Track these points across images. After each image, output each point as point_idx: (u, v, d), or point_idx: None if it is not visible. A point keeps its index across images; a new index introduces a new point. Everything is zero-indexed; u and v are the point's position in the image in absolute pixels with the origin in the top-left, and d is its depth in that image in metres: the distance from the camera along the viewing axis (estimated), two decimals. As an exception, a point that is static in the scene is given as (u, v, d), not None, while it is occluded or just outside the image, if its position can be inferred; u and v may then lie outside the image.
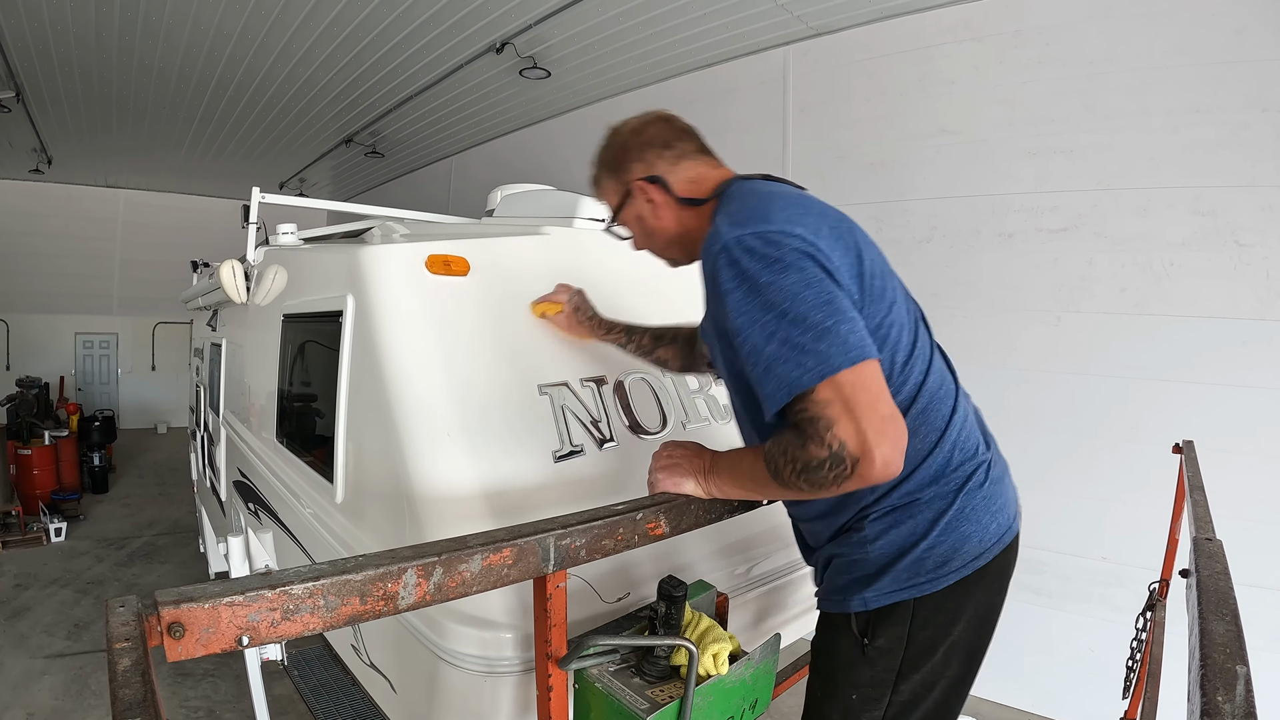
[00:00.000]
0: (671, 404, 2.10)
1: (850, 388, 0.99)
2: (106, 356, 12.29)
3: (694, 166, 1.36)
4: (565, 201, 2.56)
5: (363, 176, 10.31)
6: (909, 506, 1.18)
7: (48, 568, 5.67)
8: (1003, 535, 1.23)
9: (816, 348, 1.00)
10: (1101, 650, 3.44)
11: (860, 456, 0.97)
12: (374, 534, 1.78)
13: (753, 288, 1.06)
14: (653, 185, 1.35)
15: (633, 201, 1.38)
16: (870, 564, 1.20)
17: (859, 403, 0.98)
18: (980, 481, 1.21)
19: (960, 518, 1.18)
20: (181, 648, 0.74)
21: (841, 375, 0.99)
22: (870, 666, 1.21)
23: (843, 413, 0.98)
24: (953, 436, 1.21)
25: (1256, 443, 3.17)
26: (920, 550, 1.17)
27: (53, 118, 7.74)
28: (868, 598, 1.19)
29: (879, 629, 1.19)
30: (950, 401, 1.24)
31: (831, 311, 1.03)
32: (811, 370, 1.00)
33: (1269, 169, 3.18)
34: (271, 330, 2.75)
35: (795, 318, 1.02)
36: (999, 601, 1.28)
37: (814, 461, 1.00)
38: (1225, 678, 0.70)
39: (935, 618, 1.18)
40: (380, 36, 5.39)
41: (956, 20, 4.11)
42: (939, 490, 1.18)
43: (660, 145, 1.36)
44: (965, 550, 1.18)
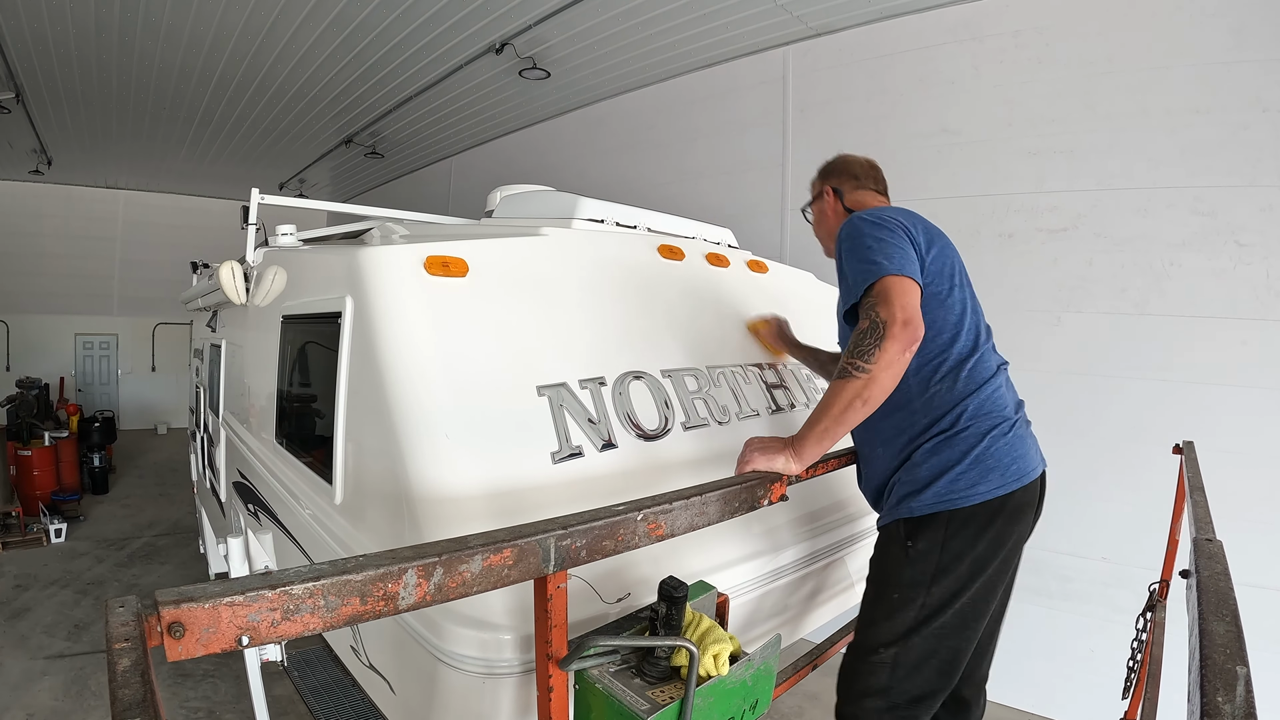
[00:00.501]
0: (671, 405, 2.10)
1: (887, 286, 1.47)
2: (106, 357, 12.30)
3: (865, 195, 1.99)
4: (565, 202, 2.56)
5: (362, 177, 10.31)
6: (950, 439, 1.56)
7: (48, 568, 5.67)
8: (1022, 476, 1.57)
9: (880, 261, 1.51)
10: (1102, 651, 3.44)
11: (887, 320, 1.41)
12: (373, 535, 1.78)
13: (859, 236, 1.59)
14: (833, 194, 2.02)
15: (822, 200, 2.05)
16: (918, 481, 1.57)
17: (894, 292, 1.45)
18: (1005, 431, 1.58)
19: (987, 454, 1.55)
20: (181, 648, 0.73)
21: (889, 278, 1.47)
22: (911, 566, 1.56)
23: (882, 298, 1.45)
24: (987, 392, 1.61)
25: (1257, 443, 3.17)
26: (955, 473, 1.54)
27: (52, 119, 7.75)
28: (913, 507, 1.57)
29: (920, 534, 1.55)
30: (991, 371, 1.65)
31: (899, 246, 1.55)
32: (874, 272, 1.50)
33: (1269, 169, 3.18)
34: (271, 331, 2.75)
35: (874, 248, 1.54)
36: (1017, 532, 1.58)
37: (861, 334, 1.43)
38: (1225, 678, 0.70)
39: (964, 530, 1.52)
40: (380, 37, 5.39)
41: (957, 20, 4.11)
42: (973, 429, 1.56)
43: (851, 175, 2.02)
44: (990, 479, 1.53)
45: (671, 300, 2.38)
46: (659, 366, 2.16)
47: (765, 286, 2.85)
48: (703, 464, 1.98)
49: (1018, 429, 1.62)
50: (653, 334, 2.24)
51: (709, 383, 2.27)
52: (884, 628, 1.58)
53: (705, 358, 2.32)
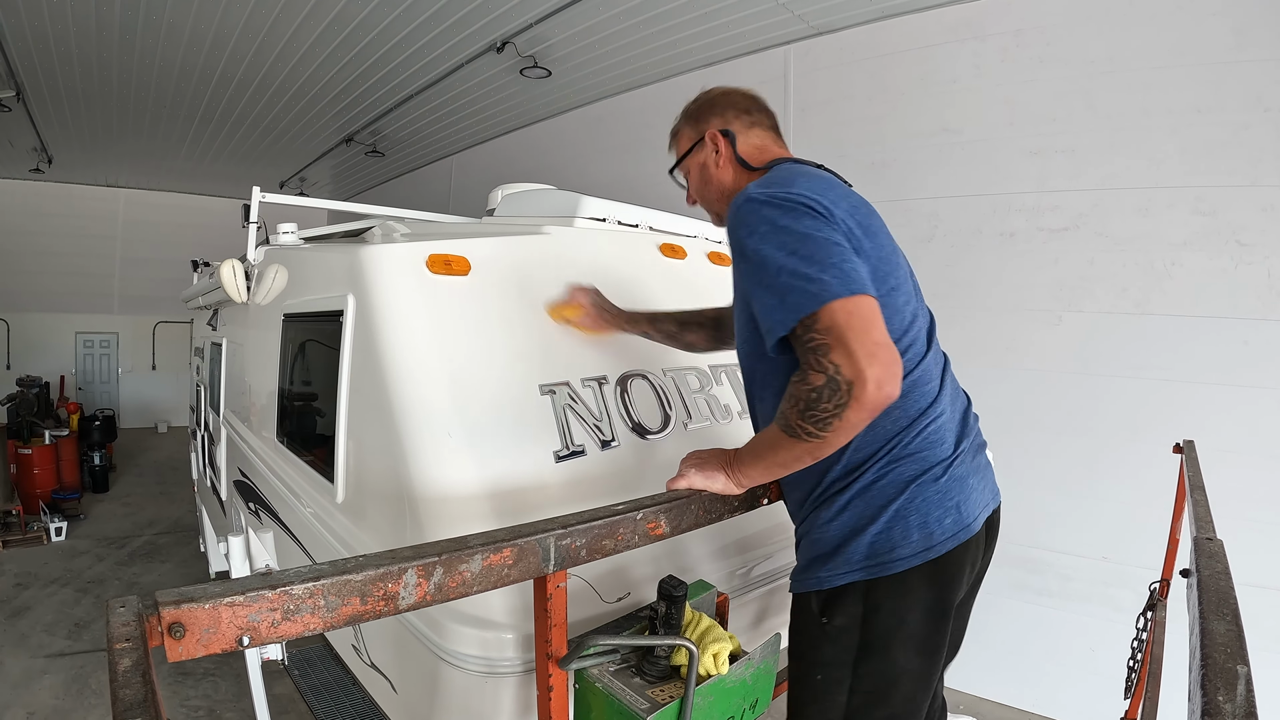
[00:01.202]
0: (673, 404, 2.10)
1: (845, 315, 1.06)
2: (107, 355, 12.30)
3: (762, 136, 1.52)
4: (566, 201, 2.56)
5: (363, 176, 10.31)
6: (863, 491, 1.24)
7: (48, 567, 5.67)
8: (958, 533, 1.25)
9: (821, 277, 1.09)
10: (1102, 650, 3.44)
11: (854, 380, 1.03)
12: (374, 534, 1.78)
13: (770, 230, 1.16)
14: (723, 137, 1.50)
15: (701, 148, 1.53)
16: (827, 543, 1.27)
17: (853, 328, 1.05)
18: (937, 476, 1.24)
19: (909, 508, 1.22)
20: (182, 648, 0.74)
21: (838, 303, 1.06)
22: (831, 644, 1.26)
23: (838, 340, 1.05)
24: (919, 427, 1.25)
25: (1257, 442, 3.17)
26: (870, 534, 1.22)
27: (53, 117, 7.74)
28: (823, 577, 1.26)
29: (835, 608, 1.25)
30: (929, 399, 1.28)
31: (839, 252, 1.13)
32: (815, 296, 1.08)
33: (1270, 169, 3.18)
34: (272, 330, 2.75)
35: (804, 255, 1.12)
36: (955, 598, 1.29)
37: (813, 394, 1.06)
38: (1226, 677, 0.70)
39: (886, 603, 1.23)
40: (381, 35, 5.38)
41: (958, 19, 4.10)
42: (893, 478, 1.23)
43: (740, 110, 1.53)
44: (914, 540, 1.21)
45: (674, 299, 2.38)
46: (661, 365, 2.16)
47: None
48: (703, 463, 1.98)
49: (955, 469, 1.27)
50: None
51: (711, 381, 2.27)
52: (813, 712, 1.30)
53: (707, 356, 2.32)
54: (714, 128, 1.51)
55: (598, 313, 1.95)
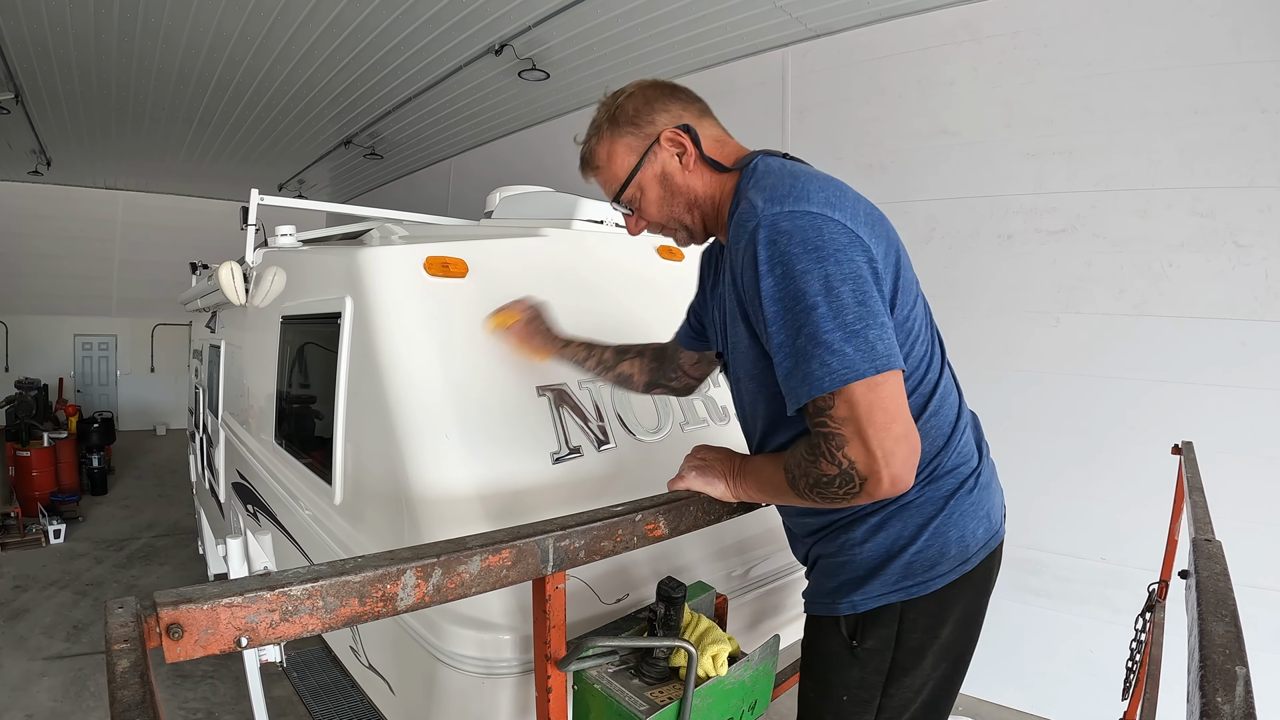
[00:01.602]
0: (669, 406, 2.10)
1: (867, 405, 0.96)
2: (105, 358, 12.28)
3: (714, 126, 1.30)
4: (564, 203, 2.56)
5: (362, 178, 10.31)
6: (900, 510, 1.17)
7: (46, 569, 5.66)
8: (989, 540, 1.23)
9: (844, 350, 0.97)
10: (1100, 651, 3.44)
11: (868, 477, 0.97)
12: (373, 536, 1.78)
13: (789, 273, 1.01)
14: (685, 134, 1.24)
15: (655, 157, 1.25)
16: (859, 566, 1.20)
17: (874, 422, 0.96)
18: (970, 488, 1.21)
19: (948, 523, 1.18)
20: (180, 649, 0.73)
21: (861, 386, 0.96)
22: (861, 668, 1.21)
23: (855, 434, 0.97)
24: (954, 444, 1.21)
25: (1256, 444, 3.17)
26: (909, 555, 1.17)
27: (52, 119, 7.74)
28: (856, 601, 1.19)
29: (868, 631, 1.19)
30: (956, 410, 1.24)
31: (864, 314, 0.99)
32: (836, 373, 0.97)
33: (1268, 170, 3.18)
34: (270, 332, 2.75)
35: (827, 313, 0.98)
36: (984, 604, 1.28)
37: (824, 478, 1.01)
38: (1225, 679, 0.70)
39: (923, 621, 1.18)
40: (379, 38, 5.39)
41: (955, 21, 4.11)
42: (930, 495, 1.18)
43: (687, 99, 1.30)
44: (952, 555, 1.18)
45: (671, 301, 2.38)
46: (659, 367, 2.15)
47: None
48: (702, 465, 1.98)
49: (983, 477, 1.24)
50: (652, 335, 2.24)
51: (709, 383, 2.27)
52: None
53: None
54: (666, 125, 1.25)
55: (531, 329, 1.73)
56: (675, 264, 2.51)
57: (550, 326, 1.76)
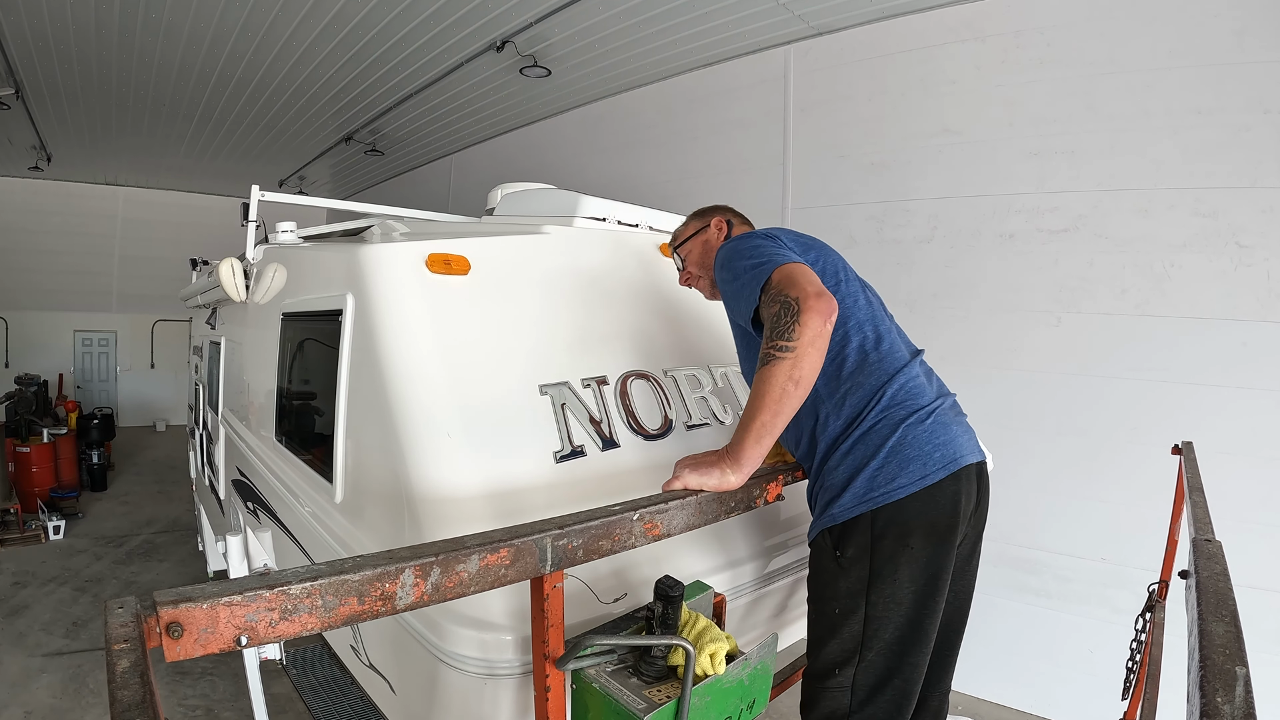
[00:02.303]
0: (674, 404, 2.10)
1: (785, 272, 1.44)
2: (105, 354, 12.29)
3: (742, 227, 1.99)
4: (565, 200, 2.55)
5: (362, 175, 10.31)
6: (862, 436, 1.50)
7: (46, 565, 5.67)
8: (948, 463, 1.48)
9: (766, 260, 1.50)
10: (1100, 651, 3.44)
11: (799, 296, 1.36)
12: (373, 534, 1.78)
13: (732, 253, 1.60)
14: (726, 225, 1.96)
15: (705, 231, 1.96)
16: (835, 486, 1.50)
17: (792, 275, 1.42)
18: (922, 419, 1.51)
19: (903, 444, 1.47)
20: (180, 648, 0.73)
21: (780, 268, 1.45)
22: (845, 576, 1.47)
23: (783, 283, 1.41)
24: (898, 383, 1.54)
25: (1256, 444, 3.17)
26: (871, 469, 1.46)
27: (52, 115, 7.74)
28: (835, 514, 1.48)
29: (847, 540, 1.47)
30: (902, 361, 1.59)
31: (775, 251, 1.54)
32: (764, 270, 1.47)
33: (1270, 170, 3.18)
34: (271, 329, 2.75)
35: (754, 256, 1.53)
36: (954, 525, 1.48)
37: (775, 317, 1.37)
38: (1225, 679, 0.70)
39: (891, 529, 1.44)
40: (381, 34, 5.38)
41: (958, 20, 4.11)
42: (886, 420, 1.50)
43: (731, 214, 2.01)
44: (909, 470, 1.46)
45: (674, 299, 2.38)
46: (661, 366, 2.16)
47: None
48: (702, 463, 1.98)
49: (938, 416, 1.53)
50: (655, 333, 2.24)
51: (711, 381, 2.27)
52: (833, 647, 1.48)
53: (708, 356, 2.32)
54: (721, 216, 1.99)
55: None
56: (676, 262, 2.50)
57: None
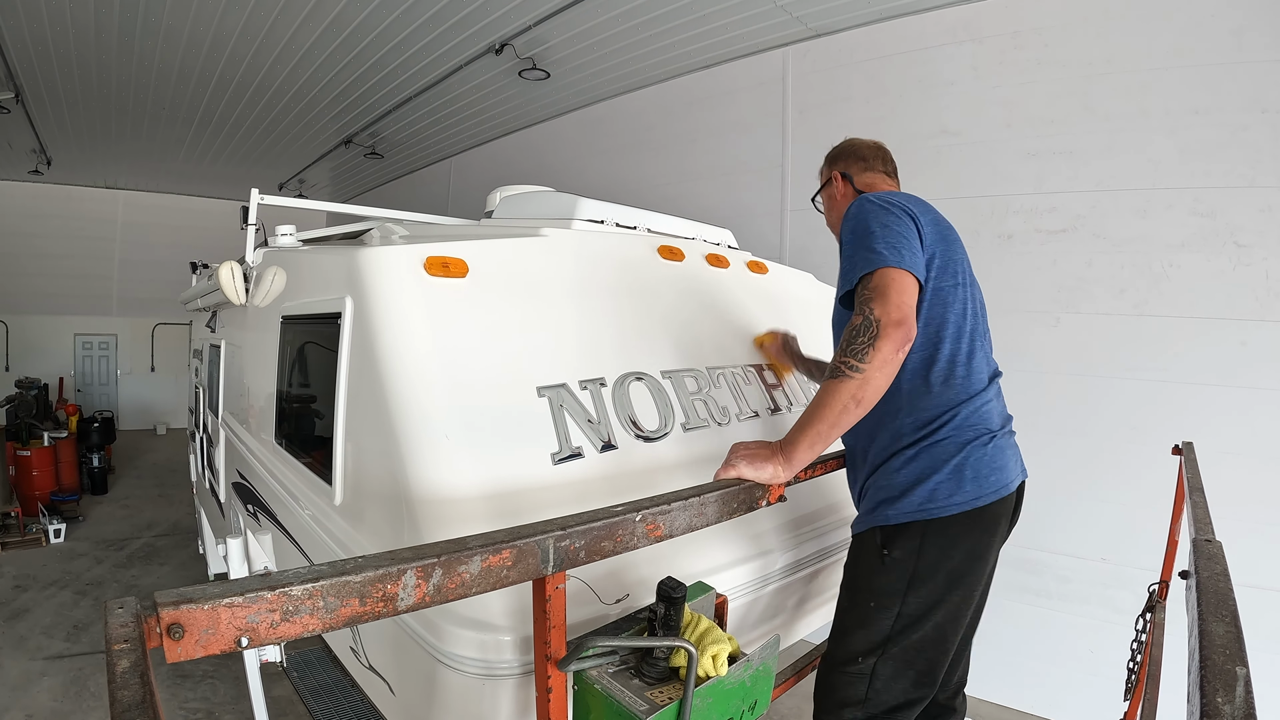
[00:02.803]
0: (671, 406, 2.10)
1: (888, 278, 1.42)
2: (106, 357, 12.29)
3: (874, 177, 1.97)
4: (564, 203, 2.56)
5: (362, 178, 10.31)
6: (930, 447, 1.54)
7: (46, 569, 5.67)
8: (1000, 489, 1.55)
9: (882, 251, 1.46)
10: (1101, 651, 3.44)
11: (881, 318, 1.36)
12: (373, 536, 1.78)
13: (863, 216, 1.56)
14: (842, 179, 1.99)
15: (831, 184, 2.01)
16: (895, 488, 1.55)
17: (886, 291, 1.40)
18: (985, 443, 1.55)
19: (965, 464, 1.52)
20: (180, 649, 0.73)
21: (883, 271, 1.43)
22: (886, 574, 1.53)
23: (876, 294, 1.40)
24: (974, 405, 1.57)
25: (1256, 443, 3.17)
26: (933, 482, 1.51)
27: (52, 119, 7.74)
28: (889, 515, 1.54)
29: (895, 542, 1.53)
30: (982, 384, 1.62)
31: (901, 238, 1.50)
32: (872, 261, 1.46)
33: (1268, 170, 3.18)
34: (270, 332, 2.75)
35: (877, 234, 1.50)
36: (992, 544, 1.57)
37: (854, 329, 1.38)
38: (1225, 679, 0.70)
39: (939, 541, 1.50)
40: (380, 37, 5.39)
41: (956, 21, 4.11)
42: (955, 439, 1.53)
43: (859, 157, 2.01)
44: (966, 489, 1.51)
45: (671, 301, 2.38)
46: (659, 367, 2.16)
47: (765, 287, 2.85)
48: (702, 465, 1.98)
49: (998, 440, 1.59)
50: (653, 335, 2.24)
51: (709, 383, 2.27)
52: (859, 637, 1.56)
53: (705, 359, 2.32)
54: (838, 168, 2.01)
55: (783, 348, 2.48)
56: (675, 264, 2.51)
57: (796, 350, 2.48)
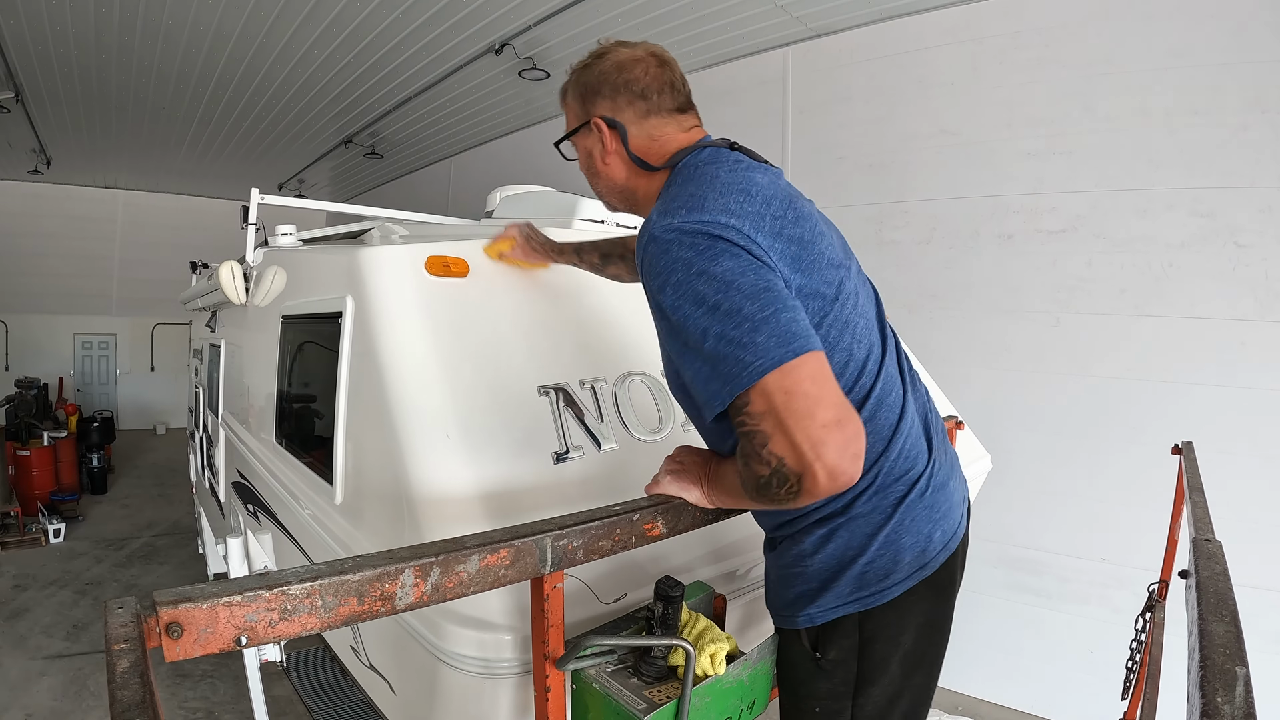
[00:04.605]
0: (671, 405, 2.10)
1: (784, 394, 0.91)
2: (105, 357, 12.29)
3: (660, 125, 1.27)
4: (564, 203, 2.56)
5: (362, 177, 10.31)
6: (847, 522, 1.13)
7: (46, 569, 5.67)
8: (948, 542, 1.18)
9: (754, 340, 0.93)
10: (1100, 651, 3.44)
11: (801, 473, 0.91)
12: (373, 535, 1.78)
13: (684, 277, 1.01)
14: (611, 129, 1.26)
15: (587, 134, 1.30)
16: (811, 578, 1.17)
17: (793, 411, 0.91)
18: (922, 490, 1.15)
19: (900, 530, 1.13)
20: (180, 648, 0.73)
21: (773, 376, 0.92)
22: (827, 679, 1.19)
23: (776, 426, 0.92)
24: (896, 447, 1.14)
25: (1256, 444, 3.17)
26: (860, 565, 1.13)
27: (51, 118, 7.74)
28: (813, 614, 1.17)
29: (829, 643, 1.17)
30: (897, 410, 1.16)
31: (769, 300, 0.96)
32: (750, 368, 0.93)
33: (1268, 170, 3.18)
34: (270, 331, 2.75)
35: (729, 309, 0.96)
36: (949, 608, 1.24)
37: (760, 480, 0.96)
38: (1225, 679, 0.70)
39: (883, 631, 1.15)
40: (380, 37, 5.39)
41: (956, 21, 4.11)
42: (876, 504, 1.13)
43: (636, 93, 1.26)
44: (907, 562, 1.14)
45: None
46: (659, 366, 2.16)
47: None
48: (702, 464, 1.98)
49: (936, 477, 1.18)
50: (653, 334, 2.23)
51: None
52: None
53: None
54: (600, 112, 1.27)
55: (528, 245, 1.92)
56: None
57: (544, 240, 1.92)
